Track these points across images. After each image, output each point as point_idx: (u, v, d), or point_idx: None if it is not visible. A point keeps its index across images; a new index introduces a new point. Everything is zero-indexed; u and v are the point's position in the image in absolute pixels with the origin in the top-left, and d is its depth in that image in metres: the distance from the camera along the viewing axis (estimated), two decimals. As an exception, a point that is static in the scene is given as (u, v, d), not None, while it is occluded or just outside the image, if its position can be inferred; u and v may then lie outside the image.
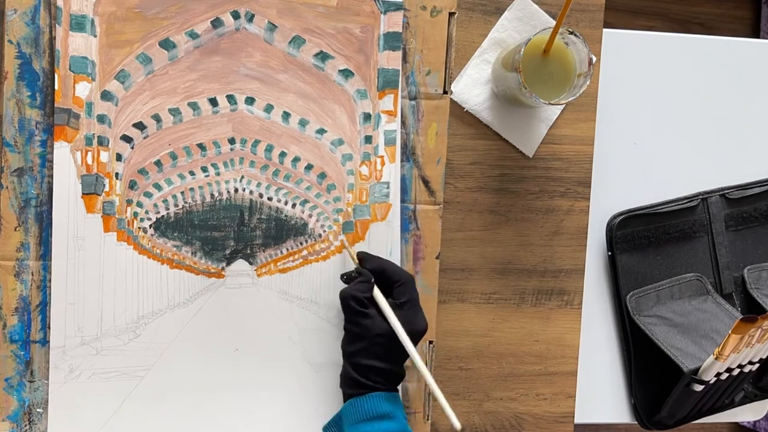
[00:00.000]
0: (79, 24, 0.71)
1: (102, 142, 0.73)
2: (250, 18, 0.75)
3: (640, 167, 0.91)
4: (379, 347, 0.70)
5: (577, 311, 0.87)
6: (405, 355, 0.71)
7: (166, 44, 0.73)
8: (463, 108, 0.83)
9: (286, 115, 0.76)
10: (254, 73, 0.75)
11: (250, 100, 0.75)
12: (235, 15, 0.74)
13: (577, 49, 0.75)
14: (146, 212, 0.74)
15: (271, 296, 0.76)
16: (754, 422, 1.79)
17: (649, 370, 0.90)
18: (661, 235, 0.90)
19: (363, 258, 0.75)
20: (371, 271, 0.73)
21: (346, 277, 0.74)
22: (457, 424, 0.69)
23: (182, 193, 0.75)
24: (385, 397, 0.70)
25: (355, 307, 0.70)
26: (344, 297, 0.71)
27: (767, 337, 0.80)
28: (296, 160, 0.77)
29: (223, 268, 0.76)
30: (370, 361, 0.70)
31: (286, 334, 0.77)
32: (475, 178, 0.84)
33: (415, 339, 0.71)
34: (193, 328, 0.75)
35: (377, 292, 0.72)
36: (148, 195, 0.74)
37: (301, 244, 0.77)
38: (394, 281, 0.73)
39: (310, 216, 0.77)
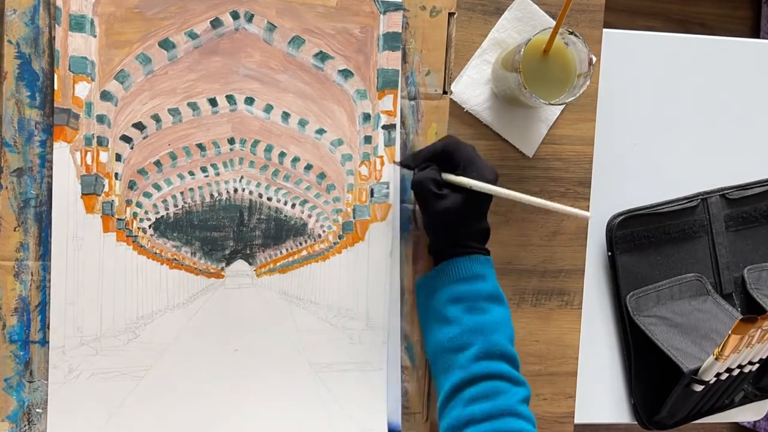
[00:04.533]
0: (78, 24, 0.71)
1: (101, 142, 0.73)
2: (250, 18, 0.75)
3: (640, 167, 0.91)
4: (465, 218, 0.72)
5: (577, 311, 0.87)
6: (486, 210, 0.74)
7: (166, 44, 0.73)
8: (463, 108, 0.83)
9: (285, 116, 0.76)
10: (254, 73, 0.75)
11: (249, 101, 0.75)
12: (235, 15, 0.74)
13: (577, 49, 0.75)
14: (146, 212, 0.74)
15: (271, 296, 0.76)
16: (754, 422, 1.79)
17: (649, 370, 0.90)
18: (661, 235, 0.90)
19: (410, 156, 0.76)
20: (423, 161, 0.74)
21: (403, 163, 0.77)
22: (586, 213, 0.69)
23: (182, 193, 0.75)
24: (479, 260, 0.72)
25: (433, 189, 0.71)
26: (420, 182, 0.72)
27: (767, 337, 0.80)
28: (296, 160, 0.77)
29: (222, 269, 0.76)
30: (465, 233, 0.73)
31: (286, 334, 0.77)
32: (475, 178, 0.84)
33: (493, 182, 0.72)
34: (193, 328, 0.75)
35: (446, 175, 0.73)
36: (147, 195, 0.74)
37: (301, 244, 0.77)
38: (448, 156, 0.73)
39: (310, 216, 0.77)
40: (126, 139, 0.73)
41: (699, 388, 0.84)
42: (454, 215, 0.71)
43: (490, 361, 0.69)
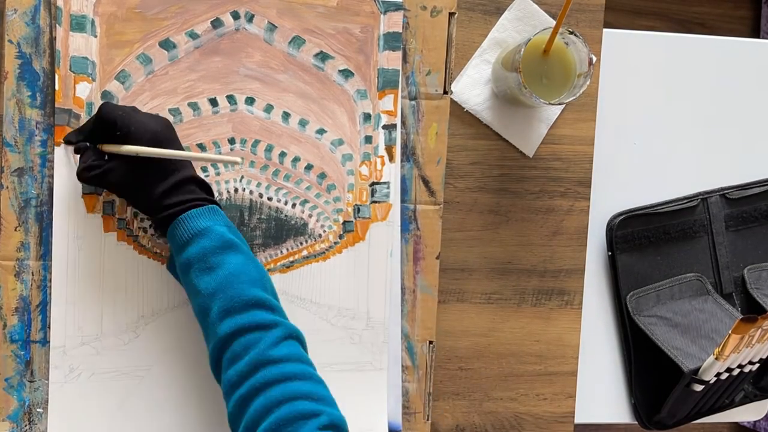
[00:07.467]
0: (79, 24, 0.72)
1: (102, 142, 0.73)
2: (250, 18, 0.75)
3: (640, 167, 0.91)
4: (148, 179, 0.66)
5: (577, 311, 0.87)
6: (170, 162, 0.67)
7: (167, 44, 0.73)
8: (463, 108, 0.83)
9: (285, 115, 0.76)
10: (254, 73, 0.75)
11: (250, 100, 0.75)
12: (235, 15, 0.74)
13: (577, 49, 0.75)
14: (146, 212, 0.74)
15: (271, 296, 0.76)
16: (754, 422, 1.79)
17: (649, 370, 0.90)
18: (661, 235, 0.90)
19: (69, 138, 0.70)
20: (84, 139, 0.68)
21: (65, 140, 0.71)
22: (237, 159, 0.66)
23: (182, 193, 0.75)
24: (193, 215, 0.66)
25: (93, 174, 0.66)
26: (81, 178, 0.67)
27: (767, 337, 0.80)
28: (296, 160, 0.77)
29: (223, 268, 0.76)
30: (156, 196, 0.66)
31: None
32: (475, 178, 0.84)
33: (159, 136, 0.66)
34: (194, 328, 0.75)
35: (106, 147, 0.67)
36: (148, 195, 0.74)
37: (301, 244, 0.77)
38: (107, 124, 0.66)
39: (310, 216, 0.77)
40: (127, 139, 0.73)
41: (699, 387, 0.84)
42: (134, 182, 0.66)
43: (233, 317, 0.63)
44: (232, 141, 0.75)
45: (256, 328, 0.63)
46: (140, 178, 0.66)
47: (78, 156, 0.70)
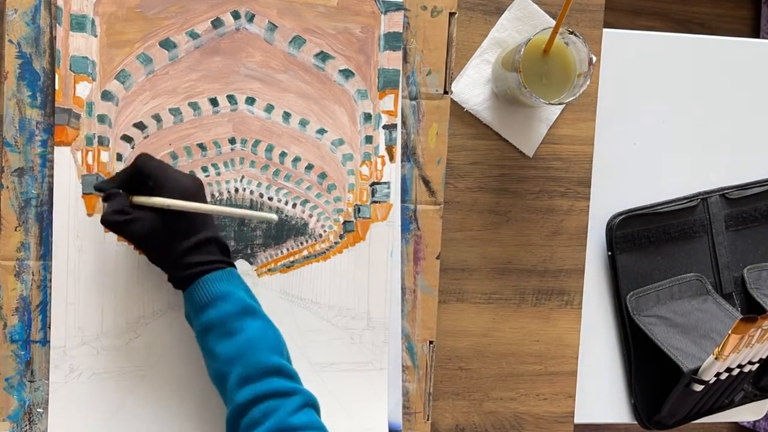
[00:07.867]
0: (79, 24, 0.71)
1: (102, 142, 0.73)
2: (251, 18, 0.75)
3: (640, 167, 0.91)
4: (171, 235, 0.66)
5: (577, 311, 0.87)
6: (200, 218, 0.67)
7: (167, 44, 0.73)
8: (463, 108, 0.83)
9: (286, 115, 0.76)
10: (255, 73, 0.75)
11: (250, 100, 0.75)
12: (236, 15, 0.74)
13: (577, 49, 0.75)
14: (146, 212, 0.74)
15: (272, 296, 0.76)
16: (754, 422, 1.79)
17: (649, 370, 0.90)
18: (661, 235, 0.90)
19: (100, 186, 0.69)
20: (116, 187, 0.68)
21: (96, 188, 0.69)
22: (273, 216, 0.68)
23: (182, 193, 0.75)
24: (214, 278, 0.66)
25: (118, 220, 0.65)
26: (107, 222, 0.66)
27: (767, 337, 0.80)
28: (297, 160, 0.77)
29: (223, 268, 0.76)
30: (177, 253, 0.66)
31: (287, 334, 0.76)
32: (475, 178, 0.84)
33: (192, 194, 0.67)
34: (194, 328, 0.75)
35: (136, 198, 0.67)
36: (148, 195, 0.74)
37: (302, 244, 0.77)
38: (140, 175, 0.67)
39: (311, 216, 0.77)
40: (127, 138, 0.73)
41: (699, 387, 0.84)
42: (158, 236, 0.66)
43: (252, 384, 0.64)
44: (232, 141, 0.75)
45: (275, 395, 0.64)
46: (165, 233, 0.66)
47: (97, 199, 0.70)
